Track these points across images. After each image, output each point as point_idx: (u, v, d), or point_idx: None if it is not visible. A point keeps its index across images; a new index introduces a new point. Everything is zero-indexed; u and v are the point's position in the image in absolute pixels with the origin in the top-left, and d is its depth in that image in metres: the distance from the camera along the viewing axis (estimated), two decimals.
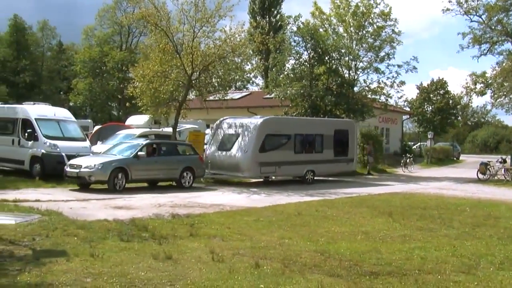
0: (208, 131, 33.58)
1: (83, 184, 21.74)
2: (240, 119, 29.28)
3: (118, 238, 11.58)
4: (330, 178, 31.90)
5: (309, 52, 36.87)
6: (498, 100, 46.76)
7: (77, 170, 21.34)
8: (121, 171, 21.77)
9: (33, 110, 25.68)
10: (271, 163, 27.06)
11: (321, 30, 38.55)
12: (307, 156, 29.34)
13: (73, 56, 75.48)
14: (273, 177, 29.19)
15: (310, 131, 30.12)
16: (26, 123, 24.98)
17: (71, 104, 70.57)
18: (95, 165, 21.42)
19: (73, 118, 27.73)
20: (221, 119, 29.25)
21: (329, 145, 30.67)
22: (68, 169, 21.82)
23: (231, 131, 27.91)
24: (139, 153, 22.67)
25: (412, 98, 66.92)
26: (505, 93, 43.94)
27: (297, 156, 28.67)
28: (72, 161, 22.25)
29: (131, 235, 11.99)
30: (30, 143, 24.43)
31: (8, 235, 11.27)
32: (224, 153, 27.20)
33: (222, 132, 28.36)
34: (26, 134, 24.60)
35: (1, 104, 28.66)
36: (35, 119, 24.86)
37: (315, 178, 29.43)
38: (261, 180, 28.83)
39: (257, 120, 27.87)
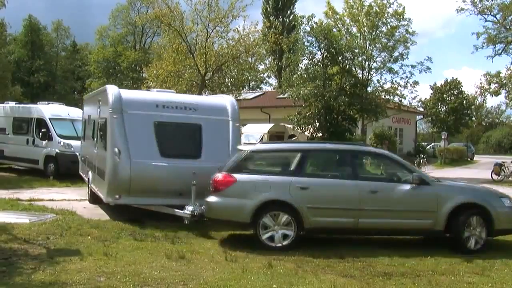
0: None
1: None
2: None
3: (132, 238, 11.62)
4: None
5: (322, 52, 36.79)
6: None
7: None
8: None
9: (48, 110, 25.80)
10: None
11: (334, 30, 38.46)
12: None
13: (87, 56, 75.91)
14: None
15: None
16: (41, 123, 25.11)
17: None
18: None
19: None
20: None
21: None
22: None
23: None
24: None
25: (425, 98, 66.63)
26: None
27: None
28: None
29: (144, 234, 12.03)
30: (44, 142, 24.55)
31: (23, 234, 11.33)
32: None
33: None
34: (41, 133, 24.70)
35: (16, 104, 28.84)
36: (49, 118, 24.97)
37: None
38: None
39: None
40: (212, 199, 11.67)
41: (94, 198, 16.33)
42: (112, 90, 14.71)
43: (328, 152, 13.12)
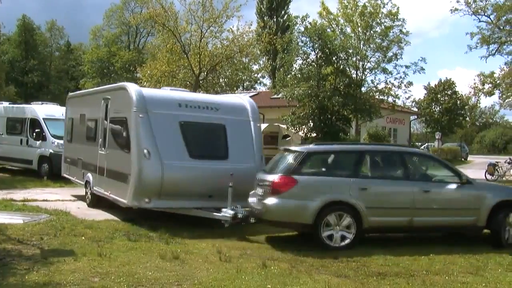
0: None
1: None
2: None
3: (126, 238, 11.59)
4: None
5: (316, 52, 36.72)
6: (506, 101, 46.74)
7: None
8: None
9: (41, 110, 25.73)
10: None
11: (328, 30, 38.44)
12: None
13: (81, 56, 75.73)
14: None
15: None
16: (34, 123, 25.05)
17: None
18: None
19: None
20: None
21: None
22: None
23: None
24: None
25: (419, 99, 66.68)
26: None
27: None
28: None
29: (138, 234, 12.01)
30: (38, 143, 24.49)
31: (17, 234, 11.30)
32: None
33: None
34: (34, 134, 24.65)
35: (9, 104, 28.76)
36: (43, 119, 24.90)
37: None
38: None
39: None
40: (271, 201, 11.56)
41: (94, 202, 16.12)
42: (134, 88, 14.18)
43: (382, 153, 13.43)
